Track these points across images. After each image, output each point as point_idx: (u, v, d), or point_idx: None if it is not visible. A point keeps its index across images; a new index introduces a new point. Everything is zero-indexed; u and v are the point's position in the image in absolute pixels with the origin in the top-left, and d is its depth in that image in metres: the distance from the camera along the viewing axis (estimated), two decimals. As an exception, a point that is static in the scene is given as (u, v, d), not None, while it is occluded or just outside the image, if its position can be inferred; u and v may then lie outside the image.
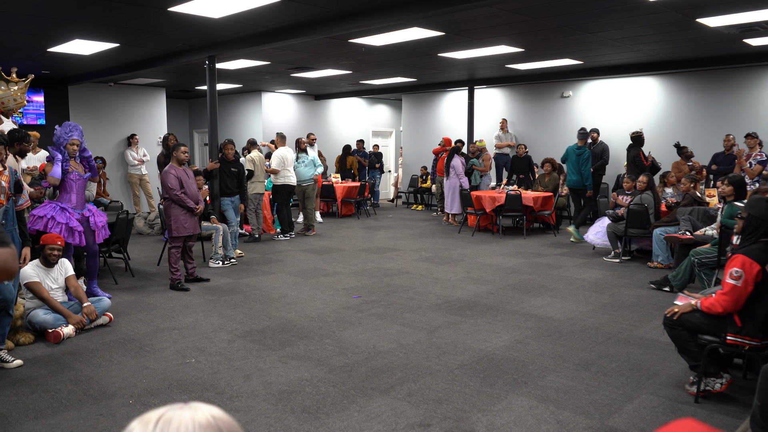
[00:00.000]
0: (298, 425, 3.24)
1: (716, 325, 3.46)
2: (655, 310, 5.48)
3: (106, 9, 6.32)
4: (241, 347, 4.50)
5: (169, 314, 5.41)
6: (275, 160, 9.40)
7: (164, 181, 6.29)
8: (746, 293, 3.31)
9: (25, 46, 8.25)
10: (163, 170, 6.36)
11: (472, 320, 5.18)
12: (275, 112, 14.96)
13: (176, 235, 6.32)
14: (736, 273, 3.31)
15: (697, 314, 3.52)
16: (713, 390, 3.52)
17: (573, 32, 7.61)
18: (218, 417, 0.86)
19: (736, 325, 3.37)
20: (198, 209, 6.38)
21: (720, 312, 3.39)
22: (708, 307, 3.45)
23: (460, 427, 3.21)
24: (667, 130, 10.87)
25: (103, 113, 12.80)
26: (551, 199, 10.12)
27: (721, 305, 3.37)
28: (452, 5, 5.83)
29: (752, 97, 10.11)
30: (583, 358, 4.25)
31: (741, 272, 3.29)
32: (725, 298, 3.35)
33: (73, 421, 3.30)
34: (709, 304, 3.44)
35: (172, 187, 6.21)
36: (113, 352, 4.41)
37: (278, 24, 7.14)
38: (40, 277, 4.82)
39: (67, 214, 5.44)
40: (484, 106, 13.49)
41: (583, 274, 7.04)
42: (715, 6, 6.29)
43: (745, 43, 8.36)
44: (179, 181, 6.26)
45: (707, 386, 3.53)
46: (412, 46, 8.50)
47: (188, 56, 8.90)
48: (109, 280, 6.62)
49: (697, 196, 7.29)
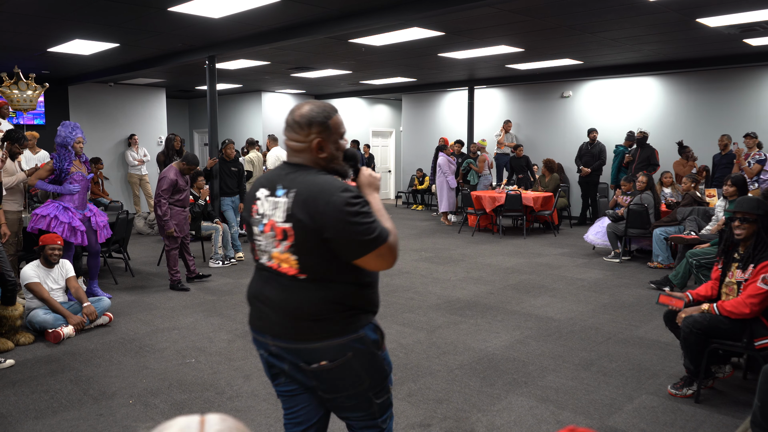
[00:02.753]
0: (298, 425, 3.23)
1: (739, 329, 3.39)
2: (655, 310, 5.48)
3: (106, 9, 6.32)
4: (241, 347, 4.49)
5: (169, 314, 5.41)
6: (270, 159, 9.44)
7: (159, 181, 6.25)
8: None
9: (25, 46, 8.25)
10: (163, 170, 6.34)
11: (472, 320, 5.19)
12: (275, 112, 14.96)
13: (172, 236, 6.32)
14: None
15: (722, 320, 3.42)
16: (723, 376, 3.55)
17: (573, 32, 7.61)
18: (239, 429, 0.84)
19: (766, 327, 3.33)
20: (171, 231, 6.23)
21: (747, 315, 3.32)
22: (730, 311, 3.37)
23: (460, 427, 3.21)
24: (667, 130, 10.87)
25: (103, 113, 12.81)
26: (551, 199, 10.12)
27: (749, 308, 3.31)
28: (452, 5, 5.83)
29: (752, 97, 10.11)
30: (583, 358, 4.25)
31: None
32: (754, 302, 3.29)
33: (73, 421, 3.30)
34: (732, 308, 3.37)
35: (163, 188, 6.15)
36: (113, 352, 4.41)
37: (278, 24, 7.14)
38: (40, 277, 4.82)
39: (69, 214, 5.44)
40: (484, 106, 13.49)
41: (583, 274, 7.04)
42: (715, 6, 6.29)
43: (745, 43, 8.36)
44: (173, 187, 6.20)
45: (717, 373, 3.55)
46: (412, 46, 8.49)
47: (188, 56, 8.89)
48: (109, 280, 6.62)
49: (697, 196, 7.29)
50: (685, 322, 3.50)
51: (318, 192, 1.82)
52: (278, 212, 1.88)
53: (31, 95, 6.48)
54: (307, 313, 1.88)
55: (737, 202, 3.62)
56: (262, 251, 1.96)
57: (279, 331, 1.92)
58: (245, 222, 2.03)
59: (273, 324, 1.94)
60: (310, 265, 1.87)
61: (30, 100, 6.52)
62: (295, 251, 1.87)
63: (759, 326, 3.36)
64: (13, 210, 5.50)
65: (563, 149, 12.17)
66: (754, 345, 3.35)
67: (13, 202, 5.49)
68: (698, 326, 3.43)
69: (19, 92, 6.53)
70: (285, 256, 1.89)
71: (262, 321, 1.97)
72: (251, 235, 2.00)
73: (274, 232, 1.89)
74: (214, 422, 0.83)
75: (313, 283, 1.88)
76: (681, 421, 3.30)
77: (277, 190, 1.90)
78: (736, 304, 3.36)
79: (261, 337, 2.00)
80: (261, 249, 1.96)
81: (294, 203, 1.84)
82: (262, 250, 1.96)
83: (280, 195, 1.89)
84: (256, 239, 1.97)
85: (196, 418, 0.83)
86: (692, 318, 3.48)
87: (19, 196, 5.57)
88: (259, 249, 1.97)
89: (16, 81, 6.85)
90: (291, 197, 1.86)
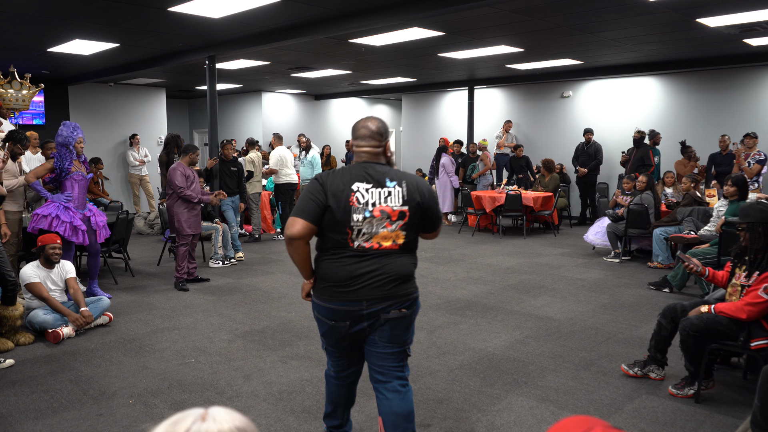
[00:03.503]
0: (298, 425, 3.24)
1: (736, 331, 3.41)
2: (655, 311, 5.48)
3: (106, 9, 6.32)
4: (241, 347, 4.50)
5: (169, 314, 5.41)
6: (273, 159, 9.40)
7: (171, 178, 6.26)
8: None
9: (25, 46, 8.25)
10: (171, 167, 6.36)
11: (472, 320, 5.19)
12: (275, 112, 14.96)
13: (182, 233, 6.33)
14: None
15: (720, 321, 3.44)
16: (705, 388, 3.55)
17: (573, 32, 7.61)
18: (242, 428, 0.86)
19: (765, 329, 3.34)
20: (209, 200, 6.47)
21: (743, 319, 3.35)
22: (725, 313, 3.40)
23: (460, 427, 3.21)
24: (667, 130, 10.87)
25: (103, 113, 12.80)
26: (551, 199, 10.12)
27: (746, 314, 3.32)
28: (452, 5, 5.83)
29: (752, 97, 10.11)
30: (583, 358, 4.25)
31: None
32: (753, 310, 3.31)
33: (73, 421, 3.30)
34: (729, 311, 3.39)
35: (180, 185, 6.22)
36: (113, 352, 4.41)
37: (278, 24, 7.14)
38: (40, 278, 4.82)
39: (70, 213, 5.45)
40: (484, 106, 13.49)
41: (583, 274, 7.04)
42: (715, 6, 6.29)
43: (745, 43, 8.37)
44: (186, 180, 6.29)
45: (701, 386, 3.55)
46: (412, 46, 8.50)
47: (188, 56, 8.90)
48: (109, 280, 6.62)
49: (697, 196, 7.29)
50: (682, 325, 3.53)
51: (419, 181, 2.56)
52: (393, 198, 2.48)
53: (25, 95, 6.46)
54: (404, 275, 2.53)
55: (741, 210, 3.63)
56: (365, 234, 2.46)
57: (380, 292, 2.48)
58: (343, 212, 2.44)
59: (374, 289, 2.48)
60: (411, 239, 2.55)
61: (23, 99, 6.49)
62: (406, 228, 2.50)
63: (757, 327, 3.37)
64: (14, 210, 5.51)
65: (563, 149, 12.17)
66: (750, 345, 3.36)
67: (13, 202, 5.50)
68: (695, 329, 3.46)
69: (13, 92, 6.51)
70: (395, 234, 2.48)
71: (359, 292, 2.47)
72: (347, 223, 2.44)
73: (388, 216, 2.46)
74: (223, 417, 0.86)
75: (406, 253, 2.55)
76: (681, 421, 3.30)
77: (386, 182, 2.49)
78: (734, 309, 3.38)
79: (353, 307, 2.49)
80: (364, 233, 2.46)
81: (408, 191, 2.50)
82: (366, 233, 2.46)
83: (391, 185, 2.49)
84: (356, 225, 2.45)
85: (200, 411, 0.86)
86: (689, 321, 3.50)
87: (19, 196, 5.59)
88: (359, 233, 2.46)
89: (11, 80, 6.84)
90: (404, 186, 2.50)
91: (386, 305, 2.49)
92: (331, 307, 2.52)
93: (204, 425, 0.84)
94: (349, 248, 2.46)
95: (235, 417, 0.86)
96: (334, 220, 2.43)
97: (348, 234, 2.45)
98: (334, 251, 2.49)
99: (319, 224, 2.45)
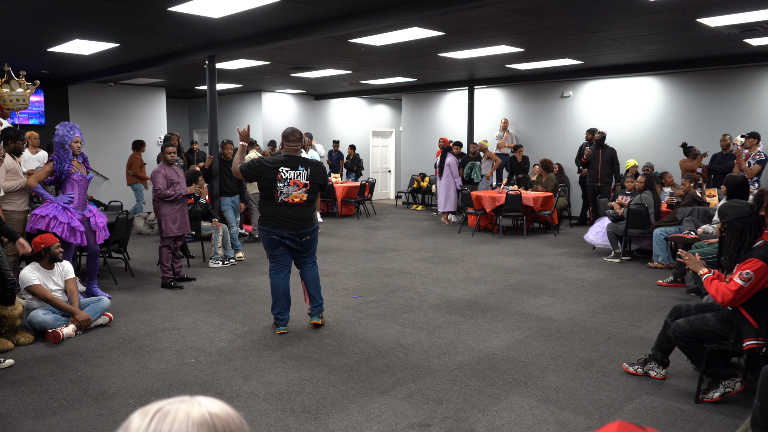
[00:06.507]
0: (298, 425, 3.23)
1: (725, 330, 3.44)
2: (655, 310, 5.48)
3: (106, 9, 6.32)
4: (241, 347, 4.50)
5: (169, 314, 5.41)
6: None
7: (153, 181, 6.36)
8: (749, 295, 3.32)
9: (25, 46, 8.25)
10: (153, 170, 6.41)
11: (472, 320, 5.18)
12: (275, 112, 14.96)
13: (165, 235, 6.35)
14: (747, 275, 3.28)
15: (707, 322, 3.50)
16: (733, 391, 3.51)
17: (573, 32, 7.61)
18: (216, 414, 0.82)
19: (753, 328, 3.35)
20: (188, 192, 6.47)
21: (718, 302, 3.42)
22: (709, 290, 3.46)
23: (460, 427, 3.21)
24: (668, 130, 10.87)
25: (103, 113, 12.80)
26: (551, 199, 10.12)
27: (721, 297, 3.37)
28: (452, 5, 5.83)
29: (752, 97, 10.11)
30: (583, 358, 4.25)
31: (752, 275, 3.27)
32: (728, 295, 3.33)
33: (73, 421, 3.30)
34: (711, 290, 3.44)
35: (160, 186, 6.25)
36: (113, 352, 4.41)
37: (278, 24, 7.14)
38: (40, 279, 4.81)
39: (69, 214, 5.44)
40: (484, 106, 13.49)
41: (583, 274, 7.04)
42: (715, 6, 6.29)
43: (745, 43, 8.36)
44: (167, 181, 6.30)
45: (727, 389, 3.51)
46: (412, 46, 8.49)
47: (188, 56, 8.89)
48: (109, 280, 6.62)
49: (697, 196, 7.28)
50: (671, 329, 3.62)
51: (319, 167, 4.79)
52: (302, 177, 4.65)
53: (23, 93, 6.42)
54: (306, 218, 4.71)
55: (719, 212, 3.73)
56: (284, 194, 4.59)
57: (293, 226, 4.64)
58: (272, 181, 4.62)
59: (290, 224, 4.64)
60: (311, 198, 4.70)
61: (23, 99, 6.46)
62: (308, 192, 4.67)
63: (746, 327, 3.38)
64: (20, 210, 5.50)
65: (563, 149, 12.17)
66: (743, 346, 3.36)
67: (20, 202, 5.49)
68: (682, 331, 3.53)
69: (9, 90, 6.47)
70: (301, 195, 4.64)
71: (283, 224, 4.62)
72: (274, 187, 4.59)
73: (297, 185, 4.62)
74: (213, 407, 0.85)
75: (309, 205, 4.71)
76: (681, 421, 3.30)
77: (298, 167, 4.65)
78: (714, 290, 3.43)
79: (280, 231, 4.64)
80: (283, 193, 4.59)
81: (311, 173, 4.70)
82: (284, 193, 4.59)
83: (301, 170, 4.67)
84: (281, 188, 4.58)
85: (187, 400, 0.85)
86: (676, 324, 3.59)
87: (24, 196, 5.57)
88: (281, 193, 4.59)
89: (8, 79, 6.82)
90: (309, 170, 4.70)
91: (299, 233, 4.67)
92: (268, 230, 4.67)
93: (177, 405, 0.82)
94: (276, 201, 4.61)
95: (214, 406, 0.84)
96: (269, 184, 4.60)
97: (275, 193, 4.60)
98: (269, 201, 4.64)
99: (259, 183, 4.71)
